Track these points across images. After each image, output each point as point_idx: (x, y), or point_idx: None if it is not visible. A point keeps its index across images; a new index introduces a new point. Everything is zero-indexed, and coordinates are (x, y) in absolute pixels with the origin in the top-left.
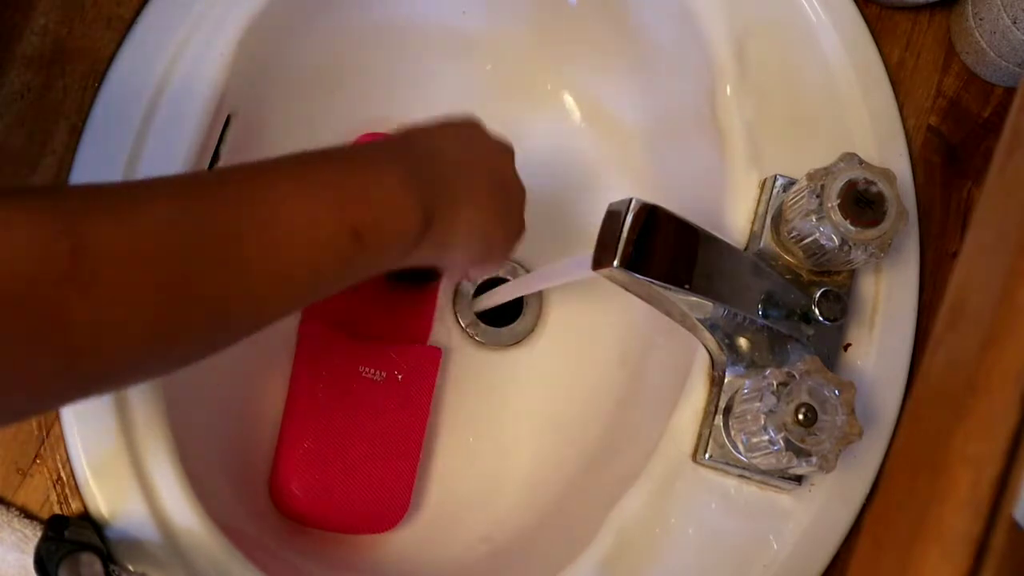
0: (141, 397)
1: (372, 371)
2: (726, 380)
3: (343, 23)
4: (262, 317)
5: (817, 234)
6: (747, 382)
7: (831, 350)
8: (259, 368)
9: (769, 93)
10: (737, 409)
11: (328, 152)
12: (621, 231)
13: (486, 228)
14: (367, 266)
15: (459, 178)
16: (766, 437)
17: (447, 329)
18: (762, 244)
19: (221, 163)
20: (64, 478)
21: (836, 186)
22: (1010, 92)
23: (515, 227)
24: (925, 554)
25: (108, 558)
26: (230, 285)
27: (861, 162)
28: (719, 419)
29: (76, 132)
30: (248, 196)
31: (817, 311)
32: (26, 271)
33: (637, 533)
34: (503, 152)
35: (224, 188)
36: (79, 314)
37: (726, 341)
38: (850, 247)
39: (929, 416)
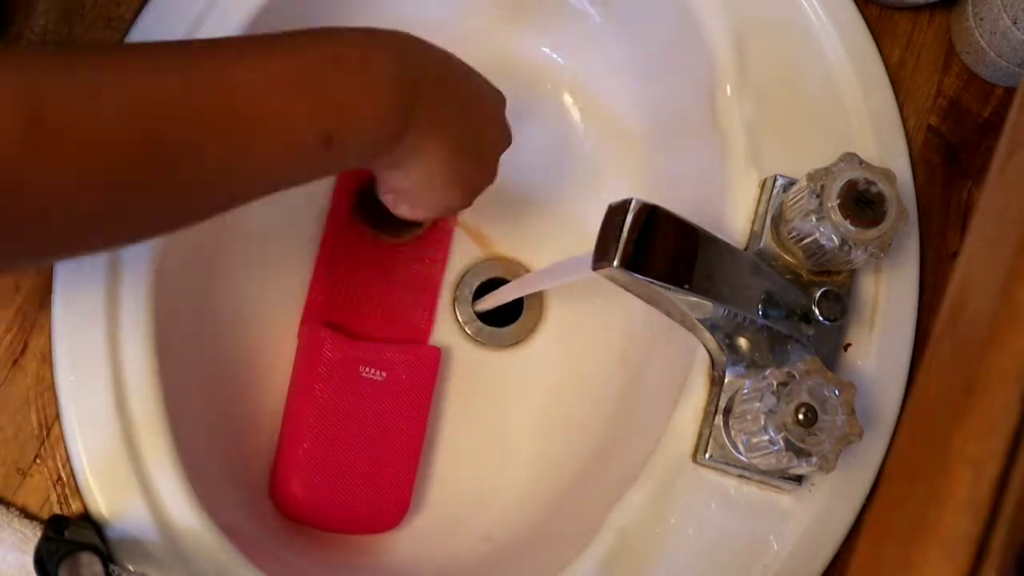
0: (141, 397)
1: (372, 371)
2: (726, 380)
3: (343, 23)
4: (216, 205)
5: (817, 234)
6: (747, 382)
7: (831, 350)
8: (259, 368)
9: (769, 93)
10: (737, 409)
11: (321, 37)
12: (621, 231)
13: (445, 176)
14: (330, 167)
15: (448, 109)
16: (766, 437)
17: (447, 329)
18: (762, 244)
19: None
20: (64, 478)
21: (836, 186)
22: (1010, 92)
23: (465, 197)
24: (925, 554)
25: (108, 558)
26: (189, 170)
27: (861, 162)
28: (719, 419)
29: None
30: (224, 80)
31: (817, 311)
32: None
33: (637, 533)
34: (498, 102)
35: (201, 69)
36: (32, 179)
37: (726, 341)
38: (850, 247)
39: (929, 416)
